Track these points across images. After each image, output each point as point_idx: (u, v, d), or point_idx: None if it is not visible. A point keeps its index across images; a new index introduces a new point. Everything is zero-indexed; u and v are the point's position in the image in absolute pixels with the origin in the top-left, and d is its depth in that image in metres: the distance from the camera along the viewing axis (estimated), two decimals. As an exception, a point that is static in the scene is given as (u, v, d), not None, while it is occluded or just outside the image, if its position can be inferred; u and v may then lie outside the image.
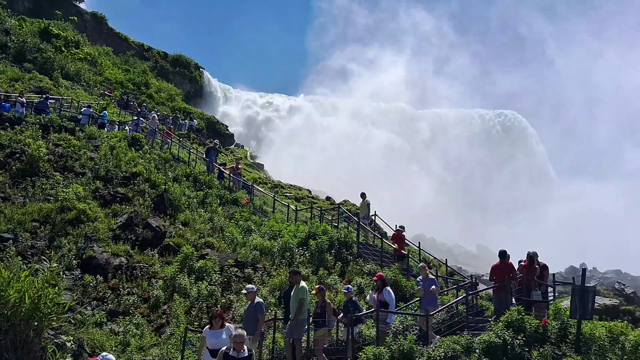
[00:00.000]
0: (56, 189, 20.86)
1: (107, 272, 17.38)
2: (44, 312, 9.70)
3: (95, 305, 15.99)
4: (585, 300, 12.20)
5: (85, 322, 14.58)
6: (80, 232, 18.71)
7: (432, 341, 12.54)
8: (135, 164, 25.11)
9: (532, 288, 14.50)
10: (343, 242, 21.46)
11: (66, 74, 45.48)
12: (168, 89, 62.19)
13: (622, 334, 12.15)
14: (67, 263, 17.05)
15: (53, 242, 17.95)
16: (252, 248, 20.62)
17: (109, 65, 56.19)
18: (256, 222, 23.91)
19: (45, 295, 9.70)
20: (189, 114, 57.91)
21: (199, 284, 17.18)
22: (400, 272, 18.93)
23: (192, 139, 44.50)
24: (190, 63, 75.62)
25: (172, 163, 28.24)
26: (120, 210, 21.10)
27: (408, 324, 14.24)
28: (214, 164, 29.97)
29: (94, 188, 22.16)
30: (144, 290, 16.98)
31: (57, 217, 19.07)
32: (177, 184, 25.11)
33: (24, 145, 23.04)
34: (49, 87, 39.04)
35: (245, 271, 18.91)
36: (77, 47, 53.36)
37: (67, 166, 23.22)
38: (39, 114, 28.27)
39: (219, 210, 24.09)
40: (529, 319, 12.34)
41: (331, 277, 19.01)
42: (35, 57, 43.56)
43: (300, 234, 22.09)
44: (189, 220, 22.19)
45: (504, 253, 14.88)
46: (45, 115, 28.05)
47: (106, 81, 51.85)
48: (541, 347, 11.64)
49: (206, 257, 19.00)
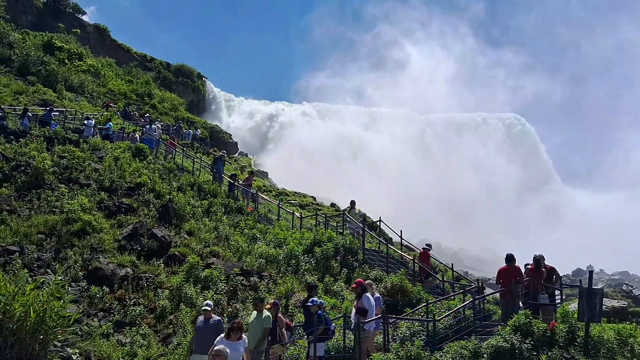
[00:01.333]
0: (61, 200, 20.89)
1: (113, 283, 17.37)
2: (50, 325, 9.71)
3: (101, 317, 15.97)
4: (593, 302, 12.16)
5: (92, 333, 14.55)
6: (86, 244, 18.72)
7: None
8: (139, 174, 25.14)
9: (539, 291, 14.45)
10: (348, 249, 21.44)
11: (70, 86, 45.75)
12: (171, 98, 62.41)
13: (631, 336, 12.13)
14: (74, 275, 17.05)
15: (59, 254, 17.96)
16: (257, 256, 20.60)
17: (112, 77, 56.48)
18: (261, 230, 23.89)
19: (50, 309, 9.72)
20: (193, 123, 58.10)
21: (205, 293, 17.15)
22: (406, 278, 18.89)
23: (195, 148, 44.60)
24: (192, 72, 75.92)
25: (176, 173, 28.27)
26: (125, 221, 21.12)
27: (415, 329, 14.18)
28: (222, 175, 29.70)
29: (99, 199, 22.19)
30: (150, 301, 16.95)
31: (63, 228, 19.09)
32: (181, 193, 25.12)
33: (29, 157, 23.10)
34: (53, 99, 39.27)
35: (251, 280, 18.88)
36: (80, 59, 53.68)
37: (72, 178, 23.28)
38: (44, 126, 28.38)
39: (224, 219, 24.07)
40: (537, 322, 12.31)
41: (337, 283, 18.98)
42: (39, 70, 43.86)
43: (305, 241, 22.08)
44: (194, 230, 22.18)
45: (511, 256, 14.85)
46: (50, 128, 28.16)
47: (110, 92, 52.11)
48: (549, 350, 11.61)
49: (212, 266, 18.97)
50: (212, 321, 11.59)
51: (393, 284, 18.34)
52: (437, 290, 20.52)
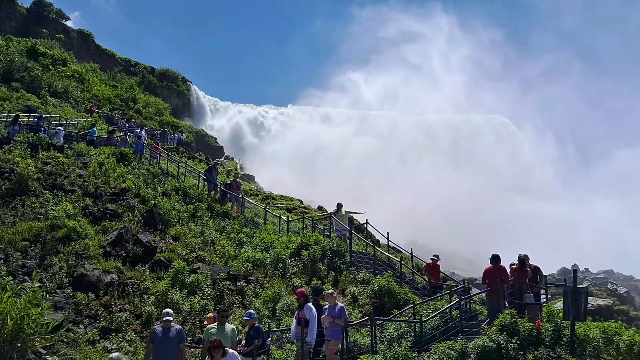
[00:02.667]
0: (46, 207, 20.73)
1: (99, 289, 17.24)
2: (28, 332, 9.63)
3: (87, 323, 15.85)
4: (578, 301, 12.24)
5: (78, 340, 14.45)
6: (70, 250, 18.58)
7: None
8: (124, 179, 24.97)
9: (524, 291, 14.54)
10: (336, 252, 21.43)
11: (54, 91, 45.50)
12: (156, 103, 62.15)
13: (616, 334, 12.20)
14: (59, 281, 16.93)
15: (44, 260, 17.81)
16: (244, 260, 20.55)
17: (96, 82, 56.21)
18: (248, 234, 23.82)
19: (28, 316, 9.62)
20: (178, 127, 57.90)
21: (191, 298, 17.10)
22: (393, 279, 18.94)
23: (180, 153, 44.42)
24: (177, 77, 75.79)
25: (161, 178, 28.08)
26: (110, 227, 20.98)
27: (402, 330, 14.21)
28: (216, 184, 28.93)
29: (84, 205, 22.02)
30: (136, 307, 16.85)
31: (48, 235, 18.93)
32: (166, 198, 24.97)
33: (13, 164, 22.90)
34: (37, 105, 39.01)
35: (237, 284, 18.83)
36: (65, 65, 53.41)
37: (57, 184, 23.09)
38: (36, 134, 28.17)
39: (210, 224, 23.98)
40: (523, 322, 12.36)
41: (324, 286, 18.93)
42: (22, 76, 43.58)
43: (292, 244, 22.06)
44: (180, 235, 22.07)
45: (496, 257, 14.95)
46: (45, 135, 28.05)
47: (94, 98, 51.85)
48: (536, 349, 11.66)
49: (198, 271, 18.87)
50: (173, 331, 10.44)
51: (380, 286, 18.37)
52: (423, 291, 20.56)
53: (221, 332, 11.09)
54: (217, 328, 11.22)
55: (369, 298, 18.37)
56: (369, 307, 17.73)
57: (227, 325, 11.38)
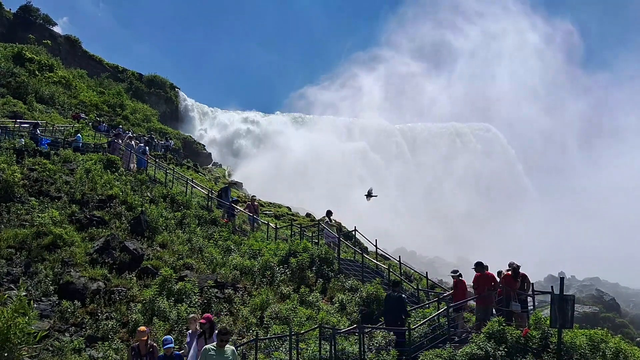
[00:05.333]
0: (32, 214, 20.55)
1: (85, 297, 17.09)
2: (14, 342, 9.51)
3: (73, 331, 15.71)
4: (565, 309, 12.31)
5: (64, 349, 14.32)
6: (56, 257, 18.40)
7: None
8: (111, 186, 24.79)
9: (511, 299, 14.60)
10: (324, 259, 21.43)
11: (40, 97, 45.14)
12: (143, 109, 61.82)
13: (603, 341, 12.29)
14: (44, 289, 16.76)
15: (29, 268, 17.63)
16: (232, 268, 20.48)
17: (83, 88, 55.85)
18: (236, 241, 23.74)
19: (15, 325, 9.51)
20: (165, 134, 57.66)
21: (179, 306, 16.99)
22: (381, 287, 18.96)
23: (168, 159, 44.22)
24: (165, 83, 75.57)
25: (148, 184, 27.92)
26: (97, 234, 20.81)
27: (391, 338, 14.22)
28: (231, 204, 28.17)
29: (70, 212, 21.85)
30: (122, 315, 16.72)
31: (33, 242, 18.74)
32: (154, 205, 24.81)
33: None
34: (23, 111, 38.68)
35: (225, 292, 18.76)
36: (51, 71, 53.04)
37: (43, 190, 22.88)
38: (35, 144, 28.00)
39: (198, 231, 23.86)
40: (510, 329, 12.40)
41: (313, 294, 18.95)
42: (8, 81, 43.25)
43: (280, 252, 22.03)
44: (167, 242, 21.94)
45: (479, 264, 15.05)
46: (44, 147, 27.88)
47: (81, 104, 51.49)
48: (523, 357, 11.71)
49: (185, 278, 18.78)
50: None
51: (368, 294, 18.37)
52: (412, 298, 20.59)
53: (221, 355, 9.93)
54: (216, 350, 9.97)
55: (357, 306, 18.38)
56: (357, 315, 17.73)
57: (227, 347, 10.12)
